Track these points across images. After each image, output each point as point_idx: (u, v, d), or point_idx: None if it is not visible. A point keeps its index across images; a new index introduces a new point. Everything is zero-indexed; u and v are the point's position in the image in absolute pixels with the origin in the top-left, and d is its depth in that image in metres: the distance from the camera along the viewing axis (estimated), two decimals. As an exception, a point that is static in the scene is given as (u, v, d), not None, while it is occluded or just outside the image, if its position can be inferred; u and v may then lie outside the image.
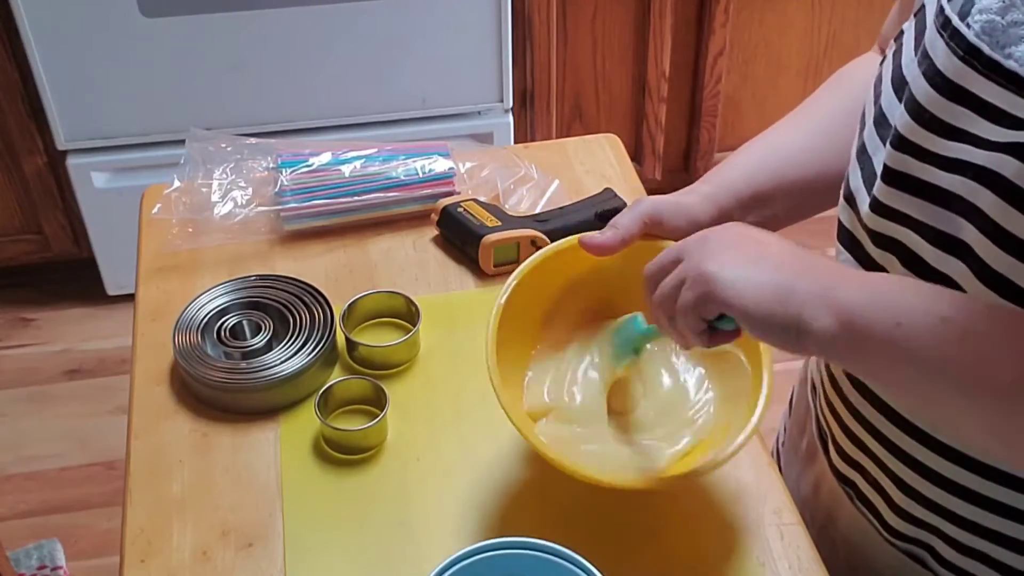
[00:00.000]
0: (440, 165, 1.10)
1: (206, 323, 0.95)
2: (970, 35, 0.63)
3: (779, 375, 0.80)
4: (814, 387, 0.90)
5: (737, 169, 0.88)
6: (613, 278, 0.85)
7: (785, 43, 2.32)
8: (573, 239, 0.84)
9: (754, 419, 0.78)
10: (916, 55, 0.68)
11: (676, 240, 0.77)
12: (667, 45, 2.24)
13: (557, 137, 2.29)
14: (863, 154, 0.74)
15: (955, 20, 0.64)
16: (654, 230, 0.83)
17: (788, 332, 0.65)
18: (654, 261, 0.75)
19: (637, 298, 0.78)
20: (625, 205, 1.07)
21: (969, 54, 0.63)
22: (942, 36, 0.65)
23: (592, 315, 0.88)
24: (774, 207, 0.86)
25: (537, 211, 1.09)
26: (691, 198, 0.85)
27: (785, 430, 1.03)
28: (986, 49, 0.62)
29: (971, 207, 0.63)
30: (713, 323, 0.71)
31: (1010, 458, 0.68)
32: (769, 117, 0.93)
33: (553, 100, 2.27)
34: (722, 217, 0.85)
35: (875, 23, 2.32)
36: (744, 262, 0.68)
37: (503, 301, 0.83)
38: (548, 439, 0.80)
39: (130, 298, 1.06)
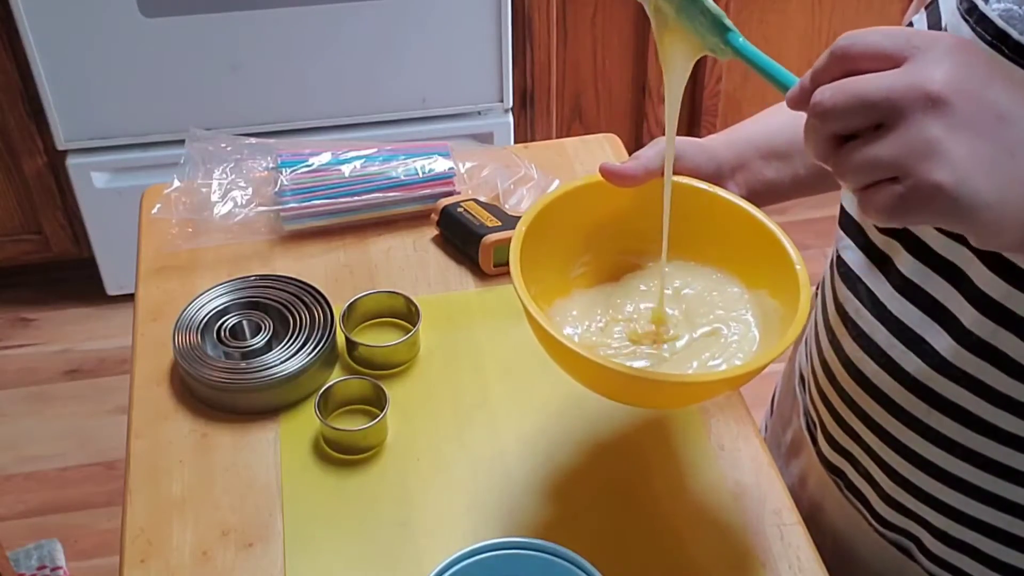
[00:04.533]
0: (440, 165, 1.10)
1: (206, 323, 0.95)
2: (998, 20, 0.62)
3: (762, 377, 0.75)
4: (802, 379, 0.91)
5: (756, 124, 0.88)
6: (633, 222, 0.80)
7: (785, 43, 2.32)
8: (590, 176, 0.78)
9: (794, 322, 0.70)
10: None
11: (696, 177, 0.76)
12: (667, 45, 2.24)
13: (557, 137, 2.29)
14: None
15: (981, 5, 0.64)
16: (674, 166, 0.80)
17: None
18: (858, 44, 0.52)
19: (659, 245, 0.75)
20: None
21: (997, 38, 0.62)
22: (967, 21, 0.64)
23: (611, 268, 0.82)
24: (793, 165, 0.86)
25: (537, 211, 1.09)
26: (712, 142, 0.85)
27: (767, 428, 1.04)
28: (1015, 34, 0.61)
29: None
30: None
31: None
32: (769, 117, 0.93)
33: (553, 100, 2.27)
34: (741, 166, 0.85)
35: (875, 23, 2.32)
36: (993, 157, 0.49)
37: (523, 228, 0.75)
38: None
39: (130, 298, 1.06)
